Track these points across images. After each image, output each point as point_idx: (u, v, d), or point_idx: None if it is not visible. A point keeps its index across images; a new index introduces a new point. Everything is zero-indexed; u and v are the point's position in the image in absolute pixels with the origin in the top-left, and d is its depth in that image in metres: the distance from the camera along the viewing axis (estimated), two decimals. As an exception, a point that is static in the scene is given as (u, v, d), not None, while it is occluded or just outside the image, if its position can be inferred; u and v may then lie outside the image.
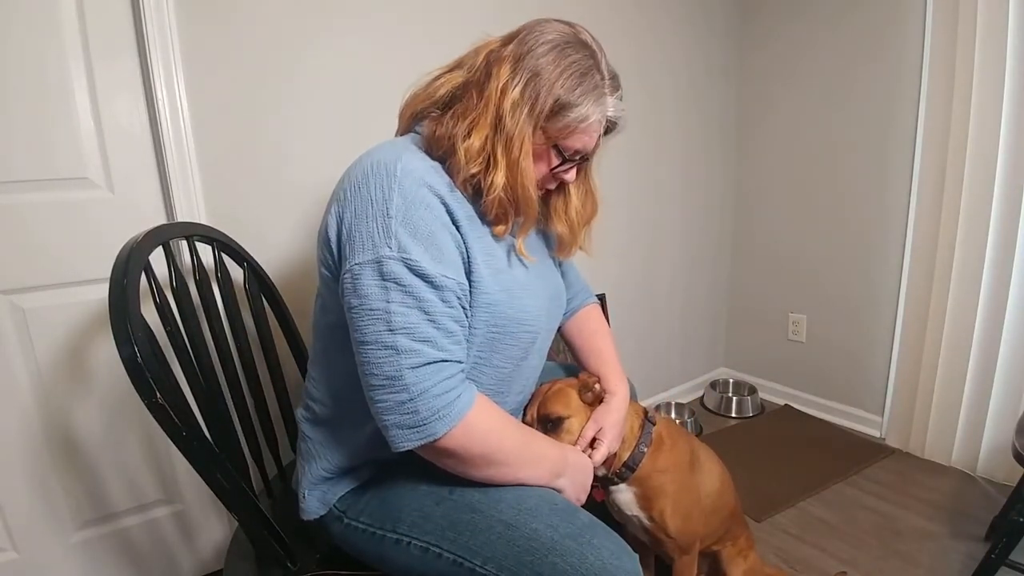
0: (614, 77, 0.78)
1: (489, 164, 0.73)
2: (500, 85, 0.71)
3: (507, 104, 0.71)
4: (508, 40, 0.76)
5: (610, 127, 0.81)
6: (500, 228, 0.78)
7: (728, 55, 2.21)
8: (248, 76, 1.23)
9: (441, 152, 0.75)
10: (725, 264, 2.44)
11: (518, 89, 0.71)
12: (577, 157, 0.80)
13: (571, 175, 0.83)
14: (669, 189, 2.14)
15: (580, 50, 0.74)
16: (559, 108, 0.73)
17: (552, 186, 0.84)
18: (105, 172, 1.14)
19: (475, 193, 0.77)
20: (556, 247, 0.93)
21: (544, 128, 0.74)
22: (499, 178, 0.72)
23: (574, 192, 0.88)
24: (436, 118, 0.77)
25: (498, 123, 0.72)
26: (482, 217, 0.77)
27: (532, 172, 0.75)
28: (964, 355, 1.69)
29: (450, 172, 0.75)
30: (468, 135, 0.72)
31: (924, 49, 1.70)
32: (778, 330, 2.31)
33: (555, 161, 0.78)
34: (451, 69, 0.79)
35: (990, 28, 1.51)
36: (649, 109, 1.99)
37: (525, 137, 0.72)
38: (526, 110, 0.72)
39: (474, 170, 0.73)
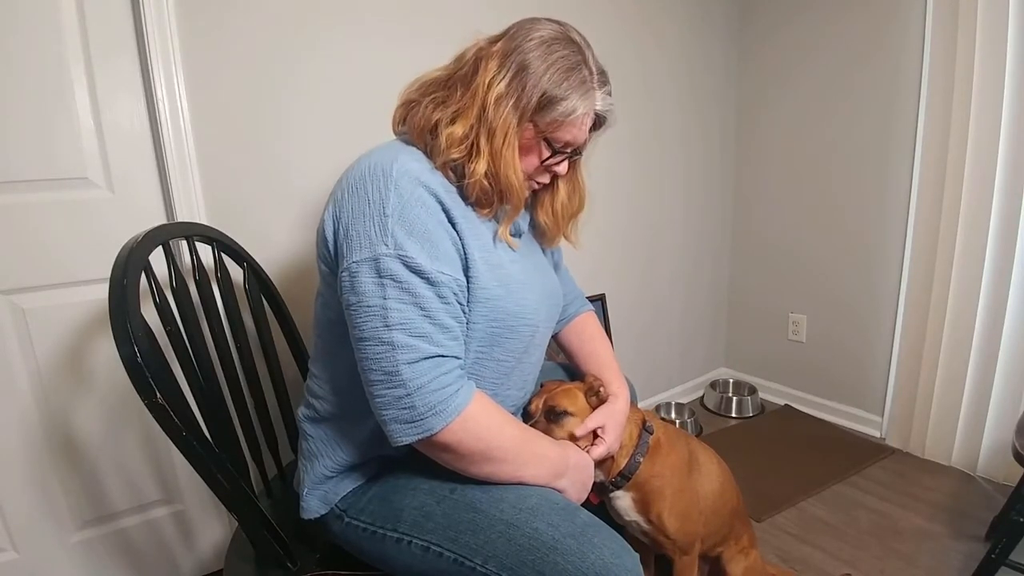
0: (602, 73, 0.80)
1: (472, 152, 0.75)
2: (487, 79, 0.74)
3: (492, 97, 0.73)
4: (498, 38, 0.78)
5: (599, 122, 0.83)
6: (485, 212, 0.80)
7: (728, 55, 2.21)
8: (248, 76, 1.23)
9: (422, 133, 0.76)
10: (725, 264, 2.44)
11: (503, 83, 0.73)
12: (568, 150, 0.81)
13: (562, 167, 0.85)
14: (669, 189, 2.14)
15: (568, 46, 0.76)
16: (547, 102, 0.75)
17: (545, 180, 0.86)
18: (105, 172, 1.14)
19: (458, 177, 0.78)
20: (541, 237, 0.96)
21: (534, 121, 0.76)
22: (480, 166, 0.74)
23: (562, 186, 0.90)
24: (416, 107, 0.78)
25: (482, 114, 0.74)
26: (465, 199, 0.79)
27: (516, 162, 0.77)
28: (964, 355, 1.69)
29: (431, 154, 0.76)
30: (452, 122, 0.74)
31: (924, 49, 1.70)
32: (778, 330, 2.31)
33: (546, 153, 0.80)
34: (443, 68, 0.81)
35: (990, 28, 1.52)
36: (649, 109, 1.99)
37: (509, 128, 0.74)
38: (511, 103, 0.73)
39: (455, 155, 0.75)
